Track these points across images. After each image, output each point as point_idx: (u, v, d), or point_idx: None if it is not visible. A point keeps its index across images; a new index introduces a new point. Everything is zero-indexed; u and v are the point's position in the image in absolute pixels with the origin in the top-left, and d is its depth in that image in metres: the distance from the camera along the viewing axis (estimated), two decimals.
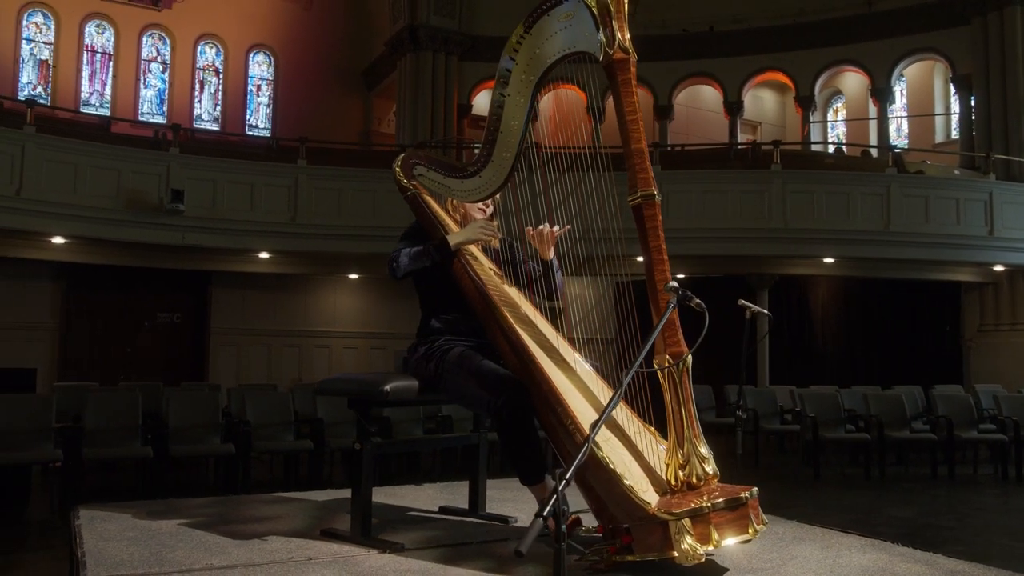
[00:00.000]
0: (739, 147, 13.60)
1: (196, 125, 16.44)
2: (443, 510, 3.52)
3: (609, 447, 2.60)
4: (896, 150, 12.29)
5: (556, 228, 3.12)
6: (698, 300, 2.52)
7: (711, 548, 2.42)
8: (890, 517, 6.71)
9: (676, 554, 2.36)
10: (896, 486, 8.24)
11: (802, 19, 14.52)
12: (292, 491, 4.17)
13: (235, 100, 17.16)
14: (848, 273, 12.19)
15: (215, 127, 16.87)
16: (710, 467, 2.61)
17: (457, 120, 15.85)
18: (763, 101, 17.21)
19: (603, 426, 2.71)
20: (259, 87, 17.57)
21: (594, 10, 2.80)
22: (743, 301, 3.77)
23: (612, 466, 2.49)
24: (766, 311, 4.03)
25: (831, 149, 15.57)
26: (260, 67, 17.59)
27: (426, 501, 3.77)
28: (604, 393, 2.90)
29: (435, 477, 6.71)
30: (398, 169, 3.23)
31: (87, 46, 15.83)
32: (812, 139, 15.82)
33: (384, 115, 18.14)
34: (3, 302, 11.23)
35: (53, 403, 7.26)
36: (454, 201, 3.29)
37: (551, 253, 3.16)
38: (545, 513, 1.60)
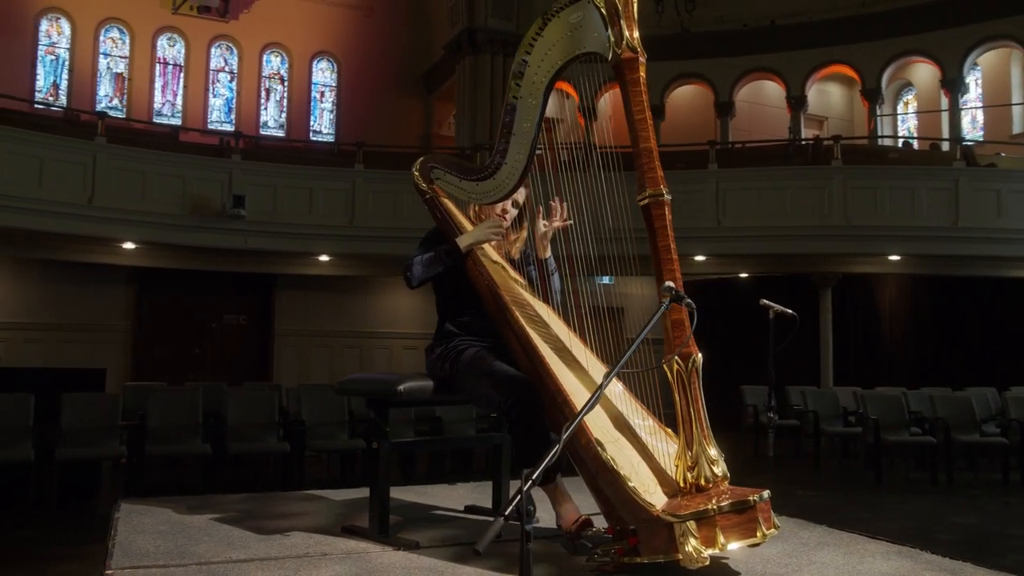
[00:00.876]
0: (798, 143, 13.26)
1: (262, 132, 16.90)
2: (468, 509, 3.56)
3: (616, 448, 2.60)
4: (967, 142, 11.82)
5: (555, 223, 3.10)
6: (688, 300, 2.49)
7: (716, 551, 2.39)
8: (952, 524, 6.46)
9: (680, 556, 2.34)
10: (963, 492, 7.92)
11: (866, 10, 14.08)
12: (346, 489, 4.25)
13: (299, 107, 17.58)
14: (916, 271, 11.77)
15: (281, 134, 17.31)
16: (719, 469, 2.58)
17: None
18: (830, 95, 16.76)
19: (612, 427, 2.72)
20: (322, 93, 17.96)
21: (602, 10, 2.79)
22: (765, 301, 3.69)
23: (617, 467, 2.48)
24: (790, 311, 3.94)
25: (900, 143, 15.07)
26: (323, 74, 17.97)
27: (455, 500, 3.81)
28: (617, 393, 2.89)
29: (480, 476, 6.77)
30: (416, 173, 3.28)
31: (159, 59, 16.44)
32: (881, 133, 15.33)
33: (444, 118, 18.33)
34: (80, 305, 11.77)
35: (120, 402, 7.57)
36: (475, 207, 3.31)
37: (547, 252, 3.15)
38: (507, 512, 1.61)
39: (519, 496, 1.62)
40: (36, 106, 14.35)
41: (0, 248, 10.30)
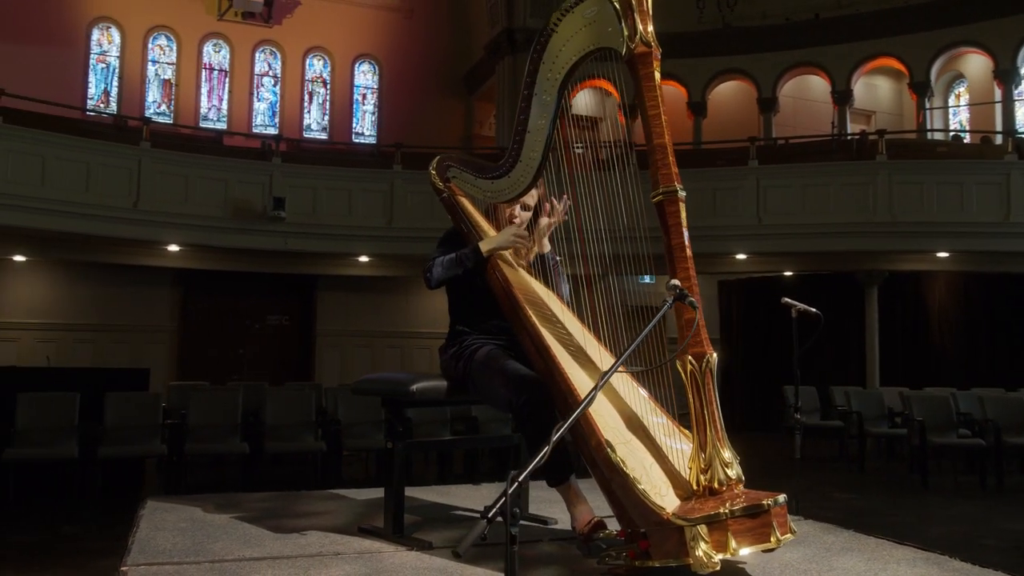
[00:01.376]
0: (841, 138, 12.97)
1: (305, 135, 17.12)
2: (487, 510, 3.53)
3: (627, 450, 2.55)
4: (1020, 135, 11.42)
5: (553, 218, 3.06)
6: (692, 299, 2.44)
7: (728, 556, 2.33)
8: (1000, 530, 6.26)
9: (691, 561, 2.29)
10: (1014, 497, 7.68)
11: (913, 0, 13.71)
12: (371, 488, 4.27)
13: (342, 109, 17.77)
14: (966, 268, 11.43)
15: (324, 136, 17.52)
16: (733, 472, 2.52)
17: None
18: (877, 89, 16.36)
19: (624, 428, 2.68)
20: (364, 96, 18.12)
21: (616, 4, 2.75)
22: (786, 299, 3.60)
23: (627, 469, 2.44)
24: (813, 310, 3.84)
25: (951, 137, 14.64)
26: (365, 76, 18.14)
27: (477, 500, 3.80)
28: (634, 396, 2.84)
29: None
30: (433, 172, 3.27)
31: (205, 64, 16.77)
32: (931, 127, 14.91)
33: (485, 118, 18.36)
34: (128, 307, 12.07)
35: (160, 401, 7.74)
36: (490, 206, 3.29)
37: (546, 247, 3.11)
38: (490, 515, 1.59)
39: (503, 498, 1.59)
40: (88, 113, 14.74)
41: (50, 251, 10.61)
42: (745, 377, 14.24)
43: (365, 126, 18.13)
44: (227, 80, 16.92)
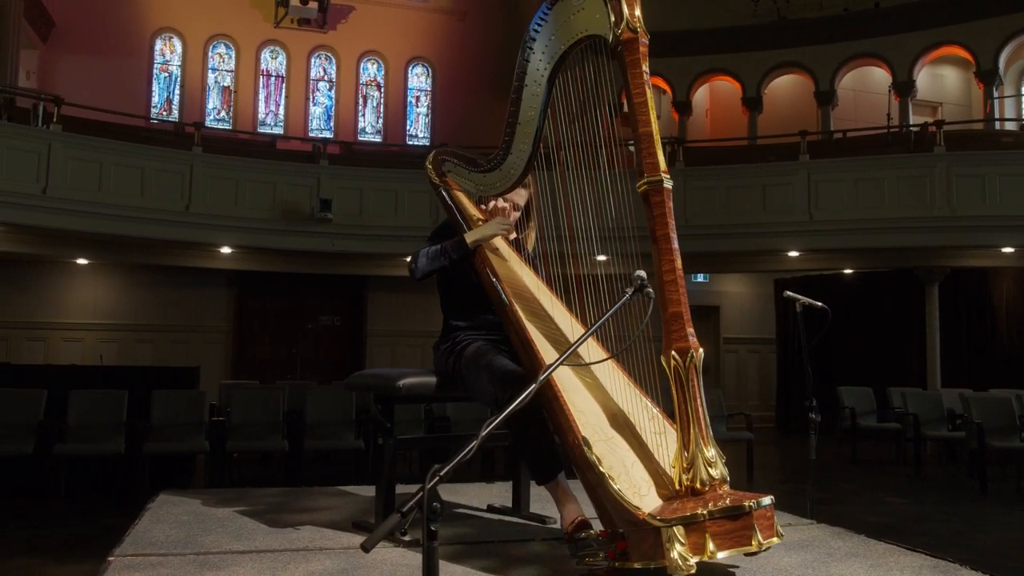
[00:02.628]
0: (899, 130, 12.48)
1: (360, 138, 17.36)
2: (490, 508, 3.51)
3: (607, 447, 2.48)
4: None
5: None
6: (649, 290, 2.36)
7: (706, 559, 2.24)
8: None
9: (666, 563, 2.21)
10: None
11: None
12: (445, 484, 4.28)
13: (395, 112, 17.95)
14: None
15: (378, 139, 17.74)
16: (717, 472, 2.43)
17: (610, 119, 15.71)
18: (944, 79, 15.73)
19: (607, 425, 2.61)
20: (418, 98, 18.28)
21: None
22: (789, 293, 3.46)
23: (601, 468, 2.36)
24: (819, 303, 3.67)
25: (1022, 128, 13.96)
26: (419, 79, 18.29)
27: (485, 498, 3.76)
28: (625, 393, 2.76)
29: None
30: (429, 166, 3.25)
31: (263, 71, 17.15)
32: (1000, 116, 14.25)
33: None
34: (186, 307, 12.42)
35: (205, 399, 7.93)
36: (492, 199, 3.25)
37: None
38: (404, 509, 1.55)
39: (420, 492, 1.55)
40: (152, 121, 15.23)
41: (110, 254, 10.99)
42: (802, 378, 13.84)
43: (419, 128, 18.29)
44: (284, 86, 17.29)
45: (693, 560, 2.21)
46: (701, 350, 2.53)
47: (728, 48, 15.01)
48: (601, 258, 2.80)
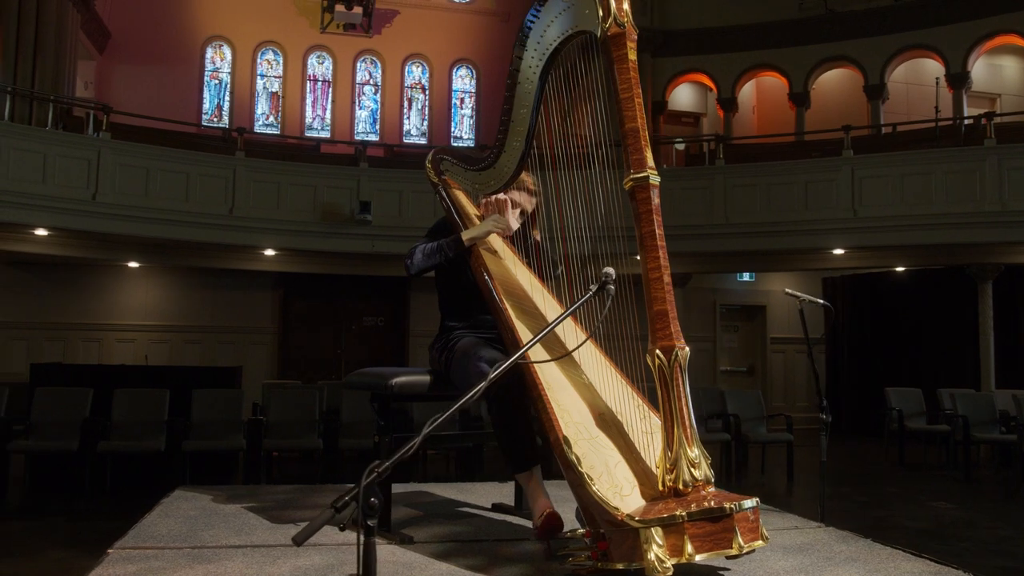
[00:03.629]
0: (952, 122, 12.07)
1: (405, 140, 17.52)
2: (494, 507, 3.51)
3: (590, 447, 2.46)
4: None
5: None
6: (610, 287, 2.33)
7: (683, 561, 2.20)
8: None
9: (643, 564, 2.19)
10: None
11: None
12: (403, 483, 4.31)
13: (440, 114, 18.07)
14: None
15: (423, 141, 17.88)
16: (700, 472, 2.38)
17: (652, 117, 15.59)
18: (1002, 70, 15.17)
19: (593, 424, 2.59)
20: (462, 100, 18.36)
21: None
22: (789, 291, 3.37)
23: (580, 467, 2.35)
24: (821, 301, 3.57)
25: None
26: (463, 81, 18.38)
27: (494, 497, 3.76)
28: (617, 391, 2.73)
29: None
30: (428, 166, 3.27)
31: (310, 76, 17.44)
32: None
33: (585, 117, 18.25)
34: (234, 309, 12.70)
35: (243, 398, 8.10)
36: (482, 199, 3.25)
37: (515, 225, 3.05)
38: (337, 504, 1.56)
39: (355, 488, 1.56)
40: (200, 127, 15.62)
41: (159, 257, 11.30)
42: (852, 378, 13.54)
43: (463, 130, 18.37)
44: (330, 90, 17.55)
45: (670, 562, 2.17)
46: (687, 348, 2.49)
47: (774, 43, 14.73)
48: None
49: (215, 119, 16.72)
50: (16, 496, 7.18)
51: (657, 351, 2.45)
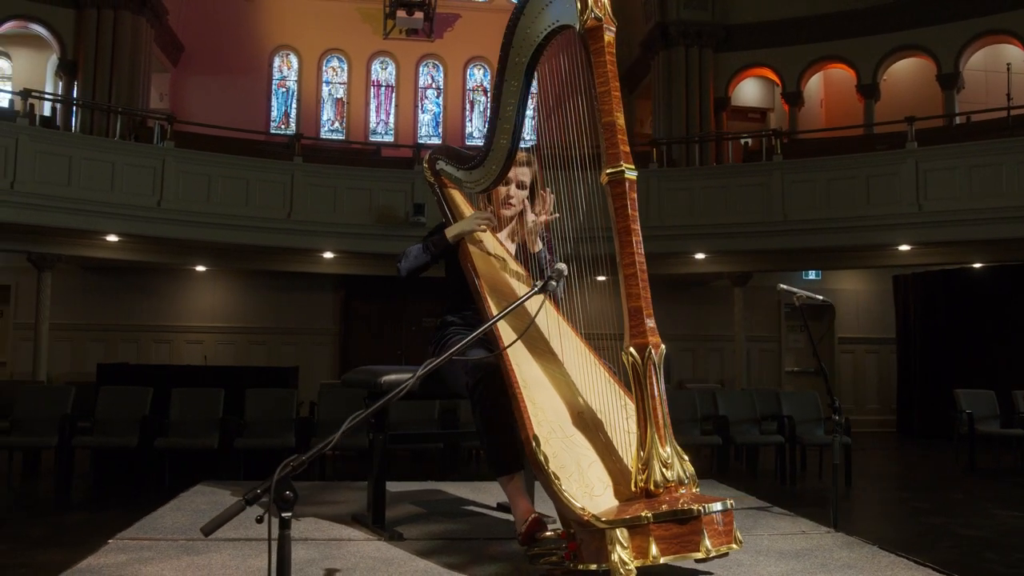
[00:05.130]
0: (1016, 110, 11.42)
1: (468, 143, 17.66)
2: (499, 506, 3.50)
3: (564, 445, 2.43)
4: None
5: (541, 216, 2.92)
6: (555, 284, 2.29)
7: (648, 563, 2.15)
8: None
9: (608, 566, 2.15)
10: None
11: None
12: (419, 481, 4.36)
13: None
14: None
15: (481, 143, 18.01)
16: (672, 473, 2.33)
17: (715, 113, 15.30)
18: None
19: (569, 423, 2.55)
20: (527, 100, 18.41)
21: None
22: (783, 286, 3.24)
23: (548, 467, 2.32)
24: (819, 297, 3.42)
25: None
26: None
27: (505, 497, 3.75)
28: (600, 389, 2.68)
29: None
30: (425, 165, 3.30)
31: (373, 81, 17.78)
32: None
33: (646, 116, 18.05)
34: (296, 310, 13.04)
35: (295, 397, 8.29)
36: (486, 194, 3.24)
37: (537, 246, 2.97)
38: (248, 497, 1.58)
39: (268, 482, 1.58)
40: (261, 134, 16.08)
41: (224, 261, 11.69)
42: (924, 379, 12.98)
43: (525, 130, 18.38)
44: (393, 95, 17.84)
45: (633, 564, 2.13)
46: (663, 346, 2.43)
47: (840, 34, 14.26)
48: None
49: (283, 126, 17.20)
50: (81, 489, 7.52)
51: (631, 349, 2.41)
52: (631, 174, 2.51)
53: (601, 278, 2.63)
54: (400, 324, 13.54)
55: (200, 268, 12.51)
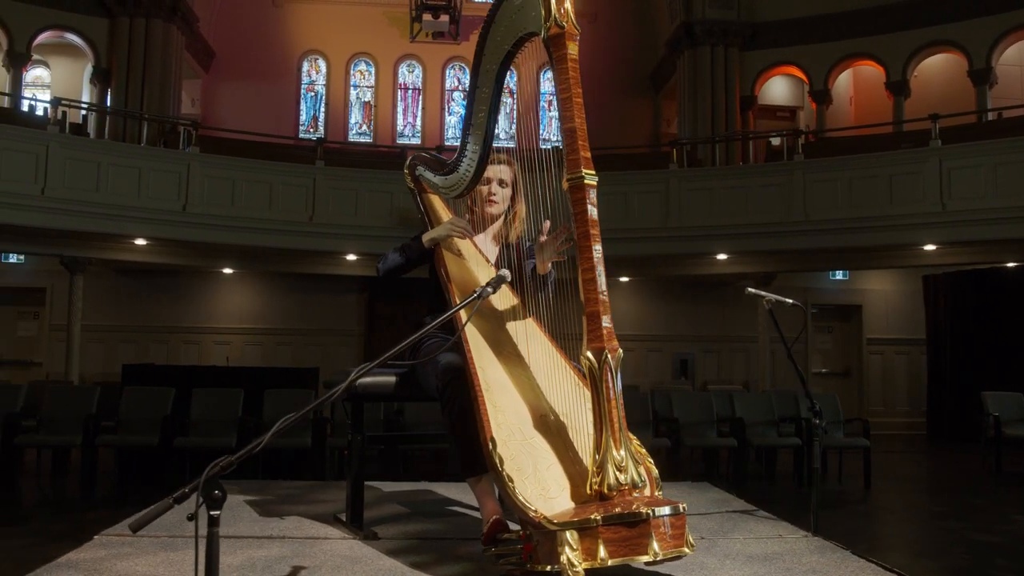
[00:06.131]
0: None
1: (494, 144, 17.68)
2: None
3: (523, 447, 2.46)
4: None
5: (557, 245, 2.88)
6: (489, 290, 2.32)
7: (596, 565, 2.18)
8: None
9: (557, 568, 2.19)
10: None
11: None
12: (411, 482, 4.41)
13: (527, 117, 18.19)
14: None
15: (511, 144, 17.97)
16: (625, 476, 2.35)
17: (741, 112, 15.18)
18: None
19: (531, 425, 2.59)
20: (550, 102, 18.41)
21: None
22: (751, 290, 3.22)
23: (503, 468, 2.36)
24: (790, 300, 3.39)
25: None
26: (550, 83, 18.37)
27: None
28: (567, 391, 2.71)
29: None
30: (406, 171, 3.35)
31: (400, 84, 17.93)
32: None
33: (673, 116, 17.97)
34: (321, 312, 13.22)
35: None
36: (470, 197, 3.29)
37: (547, 268, 2.96)
38: (176, 496, 1.64)
39: (196, 481, 1.64)
40: (287, 139, 16.30)
41: (249, 263, 11.91)
42: (955, 381, 12.73)
43: (552, 132, 18.41)
44: (420, 98, 17.98)
45: (581, 566, 2.16)
46: (620, 351, 2.45)
47: (869, 30, 14.05)
48: None
49: (311, 130, 17.43)
50: (105, 487, 7.72)
51: (588, 353, 2.43)
52: (591, 180, 2.54)
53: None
54: (422, 325, 13.63)
55: (227, 271, 12.75)
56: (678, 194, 11.11)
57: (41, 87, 15.35)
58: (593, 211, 2.53)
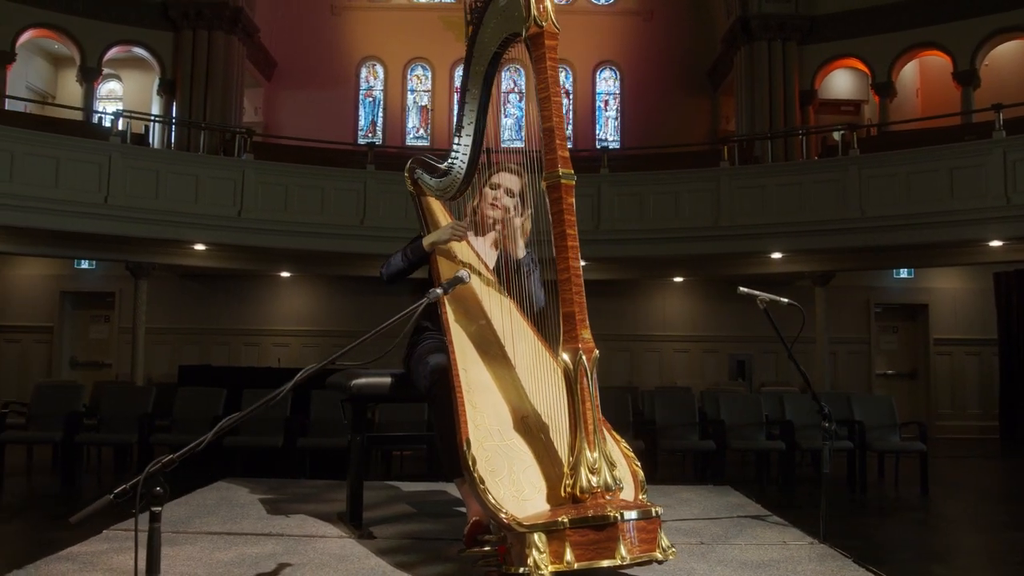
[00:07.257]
0: None
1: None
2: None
3: (500, 449, 2.46)
4: None
5: (521, 219, 2.95)
6: (438, 292, 2.33)
7: (563, 568, 2.16)
8: None
9: (527, 569, 2.18)
10: None
11: None
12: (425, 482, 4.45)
13: (584, 117, 18.10)
14: None
15: (569, 145, 17.97)
16: (598, 479, 2.32)
17: (800, 107, 14.81)
18: None
19: (511, 428, 2.58)
20: (607, 102, 18.30)
21: None
22: (743, 289, 3.12)
23: (475, 469, 2.35)
24: (785, 300, 3.27)
25: None
26: (607, 83, 18.31)
27: None
28: (550, 396, 2.68)
29: None
30: (406, 175, 3.38)
31: (456, 88, 18.04)
32: None
33: (731, 113, 17.64)
34: (376, 313, 13.34)
35: None
36: (475, 201, 3.31)
37: (521, 251, 3.00)
38: (117, 492, 1.68)
39: (137, 479, 1.68)
40: (350, 144, 16.61)
41: (306, 266, 12.17)
42: None
43: (608, 132, 18.29)
44: None
45: (548, 569, 2.15)
46: (596, 352, 2.43)
47: (935, 19, 13.52)
48: None
49: (369, 135, 17.71)
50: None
51: (563, 354, 2.41)
52: (568, 179, 2.52)
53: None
54: (422, 327, 13.69)
55: (284, 274, 13.06)
56: (729, 192, 10.89)
57: (114, 100, 16.01)
58: (571, 211, 2.52)
